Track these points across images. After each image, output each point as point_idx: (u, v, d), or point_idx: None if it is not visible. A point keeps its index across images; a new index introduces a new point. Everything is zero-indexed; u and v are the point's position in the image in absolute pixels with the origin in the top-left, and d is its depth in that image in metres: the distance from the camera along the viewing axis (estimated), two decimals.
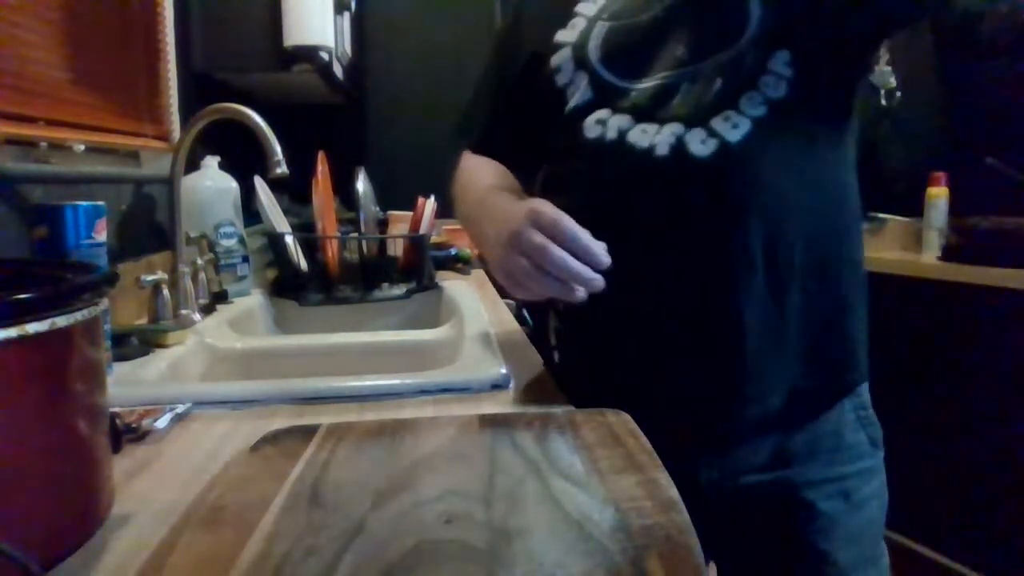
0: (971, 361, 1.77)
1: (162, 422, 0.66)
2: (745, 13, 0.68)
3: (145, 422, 0.65)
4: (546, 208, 0.61)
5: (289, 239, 1.45)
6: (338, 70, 1.81)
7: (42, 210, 0.83)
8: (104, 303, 0.46)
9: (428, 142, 2.47)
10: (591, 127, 0.73)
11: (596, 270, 0.59)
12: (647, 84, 0.71)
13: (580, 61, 0.75)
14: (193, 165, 1.30)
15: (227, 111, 1.08)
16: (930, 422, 1.83)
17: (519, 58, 0.82)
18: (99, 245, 0.85)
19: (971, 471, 1.77)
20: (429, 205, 1.55)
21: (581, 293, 0.59)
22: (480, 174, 0.87)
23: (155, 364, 0.89)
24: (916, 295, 1.88)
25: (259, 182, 1.43)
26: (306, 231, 1.49)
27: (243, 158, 1.30)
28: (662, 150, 0.68)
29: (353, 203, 1.59)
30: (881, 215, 2.20)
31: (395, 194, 1.83)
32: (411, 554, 0.37)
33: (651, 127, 0.69)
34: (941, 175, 2.05)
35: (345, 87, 2.00)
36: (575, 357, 0.83)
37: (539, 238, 0.59)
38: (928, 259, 1.99)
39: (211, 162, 1.34)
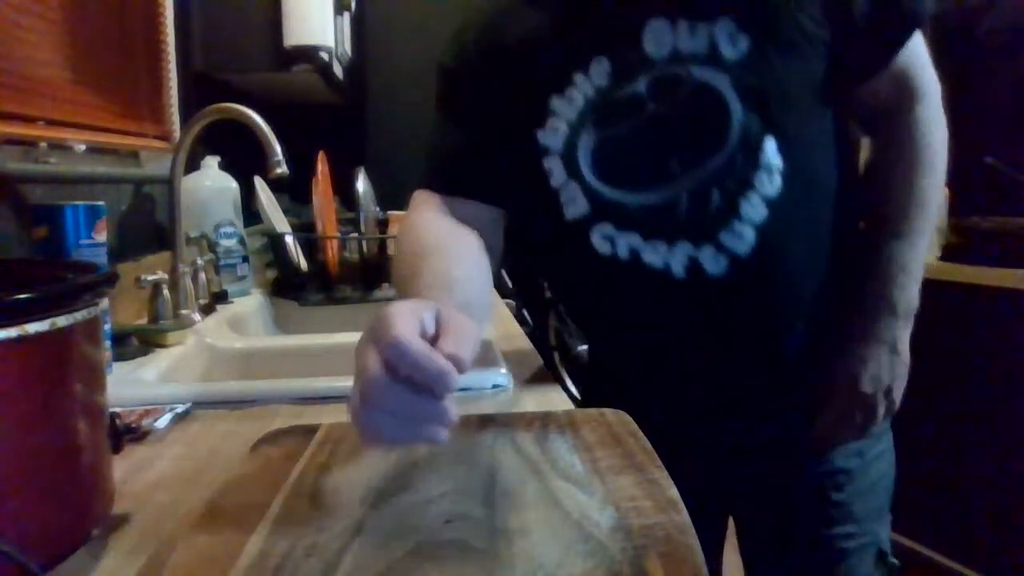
0: (971, 361, 1.77)
1: (162, 422, 0.66)
2: (726, 113, 0.67)
3: (145, 422, 0.66)
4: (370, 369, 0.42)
5: (289, 239, 1.45)
6: (338, 70, 1.81)
7: (42, 210, 0.83)
8: (104, 303, 0.46)
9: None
10: (600, 242, 0.73)
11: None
12: (645, 198, 0.70)
13: (572, 171, 0.73)
14: (193, 165, 1.30)
15: (227, 111, 1.08)
16: (929, 422, 1.83)
17: (480, 124, 0.77)
18: (99, 245, 0.85)
19: (971, 471, 1.77)
20: None
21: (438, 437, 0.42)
22: (413, 244, 0.69)
23: (155, 364, 0.89)
24: None
25: (259, 182, 1.43)
26: (306, 231, 1.50)
27: (243, 158, 1.30)
28: (678, 270, 0.70)
29: (353, 203, 1.59)
30: None
31: (395, 194, 1.82)
32: (411, 554, 0.37)
33: (661, 246, 0.70)
34: None
35: (345, 87, 2.00)
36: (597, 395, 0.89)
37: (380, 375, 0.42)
38: (928, 259, 1.98)
39: (211, 162, 1.34)
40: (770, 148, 0.67)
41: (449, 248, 0.67)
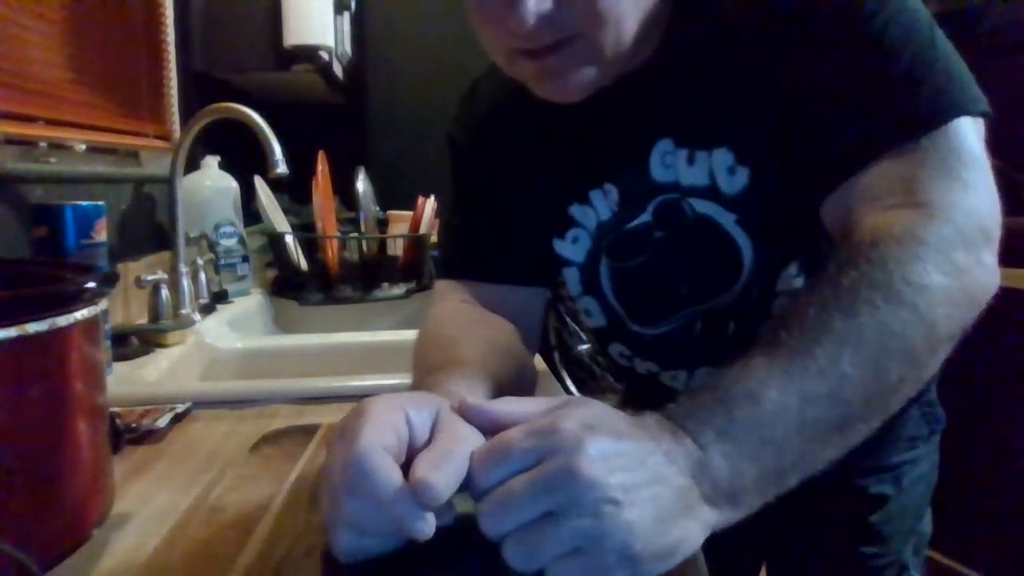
0: (971, 361, 1.77)
1: (162, 422, 0.66)
2: (734, 248, 0.63)
3: (145, 422, 0.65)
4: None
5: (289, 239, 1.45)
6: (338, 70, 1.81)
7: (42, 210, 0.83)
8: (104, 303, 0.46)
9: (428, 142, 2.47)
10: (617, 356, 0.75)
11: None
12: (660, 330, 0.69)
13: (590, 287, 0.71)
14: (193, 165, 1.31)
15: (227, 111, 1.08)
16: None
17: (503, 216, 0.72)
18: (99, 245, 0.85)
19: (971, 472, 1.77)
20: (429, 205, 1.55)
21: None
22: (436, 334, 0.64)
23: (155, 364, 0.89)
24: None
25: (259, 182, 1.43)
26: (306, 231, 1.50)
27: (243, 158, 1.30)
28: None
29: (353, 203, 1.59)
30: None
31: (395, 194, 1.82)
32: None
33: (681, 373, 0.71)
34: None
35: (345, 87, 2.00)
36: None
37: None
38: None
39: (211, 162, 1.34)
40: (789, 273, 0.63)
41: (478, 333, 0.62)
